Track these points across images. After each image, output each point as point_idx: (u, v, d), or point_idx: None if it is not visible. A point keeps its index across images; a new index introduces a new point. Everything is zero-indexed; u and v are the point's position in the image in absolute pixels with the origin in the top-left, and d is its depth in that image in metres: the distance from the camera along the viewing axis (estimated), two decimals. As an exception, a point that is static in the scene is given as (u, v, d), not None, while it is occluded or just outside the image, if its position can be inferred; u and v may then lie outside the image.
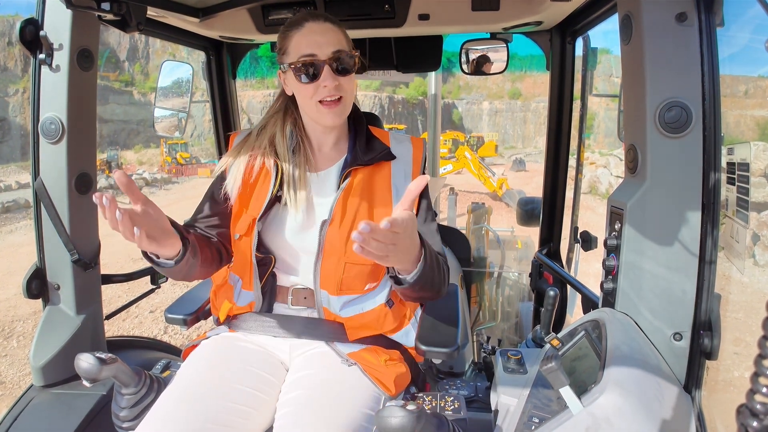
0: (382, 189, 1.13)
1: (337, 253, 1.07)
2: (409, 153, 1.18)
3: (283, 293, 1.15)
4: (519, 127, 50.40)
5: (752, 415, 0.44)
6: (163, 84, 1.86)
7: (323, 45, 1.03)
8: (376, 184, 1.13)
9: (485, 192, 16.78)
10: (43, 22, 1.19)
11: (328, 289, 1.09)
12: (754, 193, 5.60)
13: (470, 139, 30.25)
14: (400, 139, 1.20)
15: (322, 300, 1.10)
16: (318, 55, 1.03)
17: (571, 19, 1.66)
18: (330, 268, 1.08)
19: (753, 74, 15.36)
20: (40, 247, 1.29)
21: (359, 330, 1.10)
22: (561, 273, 1.78)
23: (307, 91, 1.05)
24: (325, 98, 1.04)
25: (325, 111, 1.06)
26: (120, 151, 27.83)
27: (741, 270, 0.98)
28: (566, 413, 0.77)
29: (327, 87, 1.03)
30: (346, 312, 1.10)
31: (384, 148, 1.15)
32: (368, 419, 0.94)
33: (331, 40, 1.04)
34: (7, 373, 4.44)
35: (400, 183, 1.14)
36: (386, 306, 1.13)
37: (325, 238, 1.07)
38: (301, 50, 1.03)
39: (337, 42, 1.05)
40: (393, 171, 1.15)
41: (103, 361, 0.93)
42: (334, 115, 1.07)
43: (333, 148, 1.17)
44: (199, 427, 0.88)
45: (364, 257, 0.80)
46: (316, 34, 1.04)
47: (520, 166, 27.14)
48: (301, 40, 1.04)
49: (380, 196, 1.12)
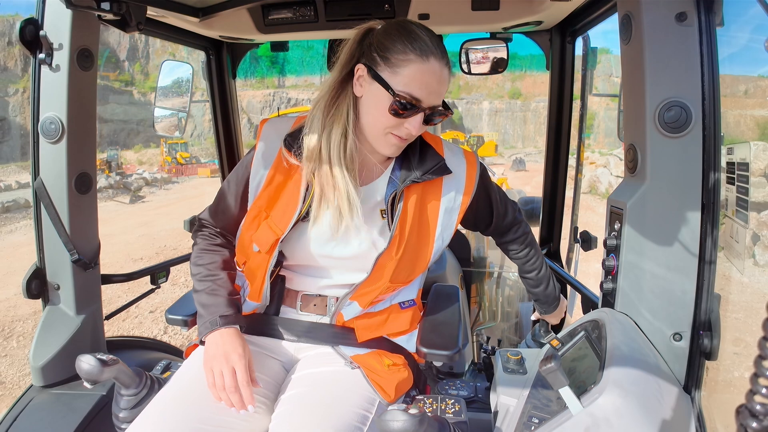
0: (432, 208, 1.07)
1: (385, 277, 1.04)
2: (462, 169, 1.10)
3: (291, 297, 1.12)
4: (519, 127, 50.40)
5: (752, 415, 0.44)
6: (163, 84, 1.86)
7: (433, 95, 0.95)
8: (427, 203, 1.06)
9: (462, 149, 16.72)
10: (43, 21, 1.18)
11: (360, 301, 1.08)
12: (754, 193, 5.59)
13: (470, 138, 30.25)
14: (454, 151, 1.13)
15: (342, 307, 1.09)
16: (423, 102, 0.94)
17: (571, 18, 1.66)
18: (371, 291, 1.06)
19: (753, 74, 15.36)
20: (39, 247, 1.29)
21: (365, 330, 1.09)
22: (561, 273, 1.78)
23: (386, 120, 0.95)
24: (402, 137, 0.97)
25: (392, 142, 0.98)
26: (120, 151, 27.79)
27: (741, 270, 0.98)
28: (566, 413, 0.77)
29: (408, 131, 0.96)
30: (360, 316, 1.10)
31: (439, 160, 1.05)
32: (362, 419, 0.93)
33: (441, 91, 0.97)
34: (6, 373, 4.44)
35: (449, 203, 1.08)
36: (399, 307, 1.14)
37: (377, 264, 1.03)
38: (412, 88, 0.92)
39: (442, 93, 0.97)
40: (444, 188, 1.07)
41: (104, 362, 0.93)
42: (396, 150, 1.00)
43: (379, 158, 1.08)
44: (192, 427, 0.87)
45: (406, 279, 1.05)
46: (435, 80, 0.94)
47: (520, 165, 27.13)
48: (419, 76, 0.92)
49: (431, 215, 1.07)
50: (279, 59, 41.09)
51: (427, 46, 0.93)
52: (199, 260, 1.09)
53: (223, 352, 0.94)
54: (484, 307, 2.69)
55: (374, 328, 1.10)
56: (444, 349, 1.08)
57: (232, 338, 0.96)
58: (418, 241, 1.07)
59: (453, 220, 1.10)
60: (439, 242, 1.09)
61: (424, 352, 1.08)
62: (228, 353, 0.94)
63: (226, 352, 0.94)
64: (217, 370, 0.92)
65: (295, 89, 45.26)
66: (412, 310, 1.17)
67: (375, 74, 0.94)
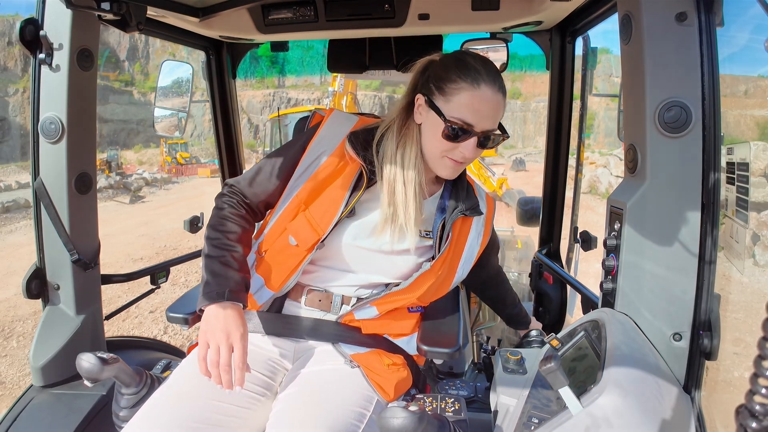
0: (462, 242, 1.17)
1: (417, 292, 1.10)
2: (485, 210, 1.21)
3: (297, 291, 1.12)
4: (519, 127, 50.38)
5: (751, 416, 0.44)
6: (163, 84, 1.86)
7: (484, 119, 0.98)
8: (462, 237, 1.17)
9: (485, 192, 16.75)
10: (43, 21, 1.18)
11: (380, 307, 1.11)
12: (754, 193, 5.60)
13: (470, 138, 30.14)
14: (480, 193, 1.23)
15: (358, 309, 1.10)
16: (475, 127, 0.98)
17: (571, 18, 1.66)
18: (399, 299, 1.10)
19: (753, 74, 15.37)
20: (39, 247, 1.29)
21: (368, 327, 1.11)
22: (561, 273, 1.78)
23: (441, 145, 1.02)
24: (457, 159, 1.03)
25: (449, 165, 1.04)
26: (120, 151, 27.78)
27: (741, 270, 0.98)
28: (566, 413, 0.77)
29: (462, 154, 1.01)
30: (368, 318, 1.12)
31: (476, 200, 1.17)
32: (359, 417, 0.93)
33: (494, 116, 1.00)
34: (7, 373, 4.44)
35: (473, 240, 1.19)
36: (407, 309, 1.16)
37: (417, 279, 1.09)
38: (464, 114, 0.97)
39: (495, 119, 1.01)
40: (473, 226, 1.18)
41: (105, 360, 0.93)
42: (453, 172, 1.07)
43: (429, 180, 1.14)
44: (189, 426, 0.87)
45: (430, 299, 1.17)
46: (488, 106, 0.98)
47: (520, 165, 27.13)
48: (470, 102, 0.97)
49: (461, 248, 1.17)
50: (279, 59, 41.09)
51: (478, 74, 0.98)
52: (219, 226, 1.03)
53: (224, 326, 0.91)
54: (484, 307, 2.69)
55: (378, 326, 1.12)
56: (444, 346, 1.08)
57: (236, 316, 0.93)
58: (448, 270, 1.15)
59: (473, 257, 1.21)
60: (460, 273, 1.19)
61: (424, 350, 1.09)
62: (230, 330, 0.90)
63: (228, 328, 0.91)
64: (214, 345, 0.89)
65: (295, 89, 45.26)
66: (417, 315, 1.19)
67: (431, 103, 1.01)
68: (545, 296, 1.93)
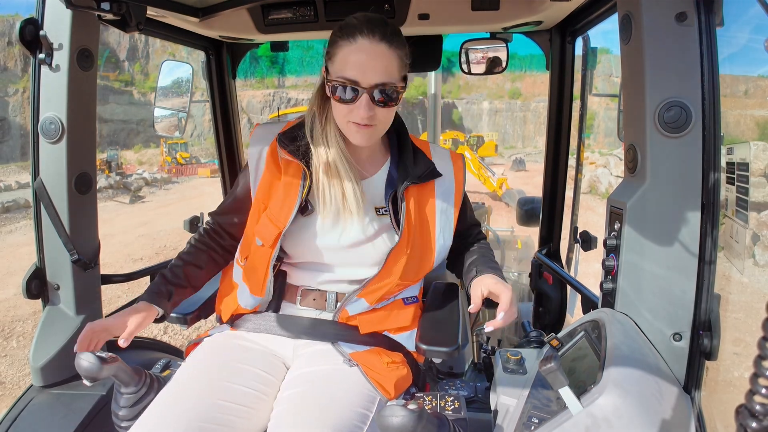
0: (429, 210, 1.12)
1: (395, 273, 1.07)
2: (450, 171, 1.16)
3: (292, 292, 1.14)
4: (519, 127, 50.41)
5: (751, 415, 0.44)
6: (163, 84, 1.86)
7: (368, 72, 0.94)
8: (424, 205, 1.11)
9: (485, 192, 16.77)
10: (43, 21, 1.18)
11: (368, 298, 1.09)
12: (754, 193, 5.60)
13: (470, 138, 30.21)
14: (441, 154, 1.17)
15: (348, 304, 1.10)
16: (360, 83, 0.95)
17: (571, 18, 1.66)
18: (381, 289, 1.08)
19: (753, 74, 15.38)
20: (39, 247, 1.29)
21: (366, 324, 1.11)
22: (561, 273, 1.78)
23: (339, 110, 1.00)
24: (358, 122, 0.99)
25: (354, 130, 1.00)
26: (120, 151, 27.79)
27: (740, 270, 0.98)
28: (566, 414, 0.77)
29: (360, 115, 0.97)
30: (363, 313, 1.11)
31: (429, 164, 1.11)
32: (362, 418, 0.93)
33: (378, 67, 0.95)
34: (6, 373, 4.44)
35: (443, 203, 1.13)
36: (402, 302, 1.15)
37: (388, 259, 1.06)
38: (345, 70, 0.95)
39: (384, 71, 0.95)
40: (437, 190, 1.13)
41: (104, 360, 0.93)
42: (362, 137, 1.01)
43: (371, 156, 1.12)
44: (195, 425, 0.88)
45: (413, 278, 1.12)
46: (365, 56, 0.94)
47: (520, 165, 27.14)
48: (348, 57, 0.95)
49: (429, 216, 1.12)
50: (279, 59, 41.03)
51: (355, 29, 0.95)
52: (182, 250, 1.20)
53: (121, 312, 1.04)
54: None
55: (377, 323, 1.11)
56: (443, 345, 1.08)
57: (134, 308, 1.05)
58: (422, 240, 1.11)
59: (450, 219, 1.15)
60: (441, 241, 1.14)
61: (423, 349, 1.09)
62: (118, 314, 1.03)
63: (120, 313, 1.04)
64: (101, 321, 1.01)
65: (295, 89, 45.24)
66: (414, 306, 1.18)
67: (325, 70, 1.02)
68: (545, 296, 1.93)
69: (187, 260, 1.16)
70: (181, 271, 1.14)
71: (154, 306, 1.07)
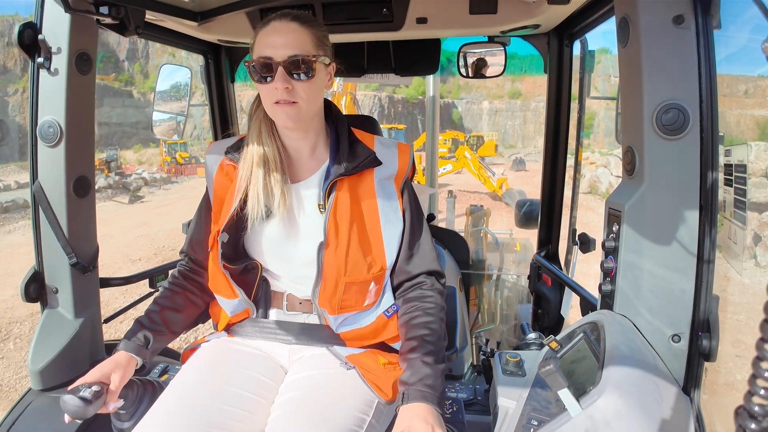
0: (369, 200, 1.08)
1: (336, 275, 1.04)
2: (394, 158, 1.13)
3: (277, 299, 1.13)
4: (519, 127, 50.47)
5: (750, 417, 0.44)
6: (162, 87, 1.86)
7: (280, 47, 0.98)
8: (362, 194, 1.08)
9: (485, 192, 16.78)
10: (42, 25, 1.18)
11: (327, 308, 1.07)
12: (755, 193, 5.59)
13: (470, 138, 30.20)
14: (387, 144, 1.15)
15: (321, 313, 1.09)
16: (273, 57, 0.98)
17: (569, 22, 1.66)
18: (329, 289, 1.05)
19: (751, 75, 15.41)
20: (38, 250, 1.29)
21: (357, 341, 1.09)
22: (559, 275, 1.78)
23: (263, 92, 1.02)
24: (279, 100, 1.00)
25: (279, 110, 1.01)
26: (119, 151, 27.75)
27: (739, 271, 0.98)
28: (565, 415, 0.77)
29: (278, 90, 0.98)
30: (343, 328, 1.09)
31: (368, 153, 1.09)
32: (359, 422, 0.93)
33: (290, 41, 0.99)
34: (3, 376, 4.43)
35: (384, 192, 1.10)
36: (384, 316, 1.11)
37: (323, 261, 1.04)
38: (260, 50, 1.00)
39: (296, 44, 0.99)
40: (376, 177, 1.10)
41: (88, 401, 0.91)
42: (287, 116, 1.01)
43: (312, 156, 1.12)
44: (201, 430, 0.88)
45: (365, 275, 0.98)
46: (276, 34, 0.99)
47: (520, 165, 27.16)
48: (262, 39, 1.01)
49: (369, 207, 1.08)
50: (278, 60, 40.96)
51: (270, 19, 1.02)
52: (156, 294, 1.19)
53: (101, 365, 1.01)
54: (483, 310, 2.69)
55: (366, 338, 1.10)
56: None
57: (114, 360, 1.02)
58: (363, 233, 1.07)
59: (395, 208, 1.10)
60: (389, 232, 1.09)
61: None
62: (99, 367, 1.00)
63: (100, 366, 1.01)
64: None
65: (295, 90, 45.17)
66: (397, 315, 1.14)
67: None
68: (544, 298, 1.93)
69: (163, 305, 1.13)
70: (158, 316, 1.11)
71: (133, 356, 1.04)
